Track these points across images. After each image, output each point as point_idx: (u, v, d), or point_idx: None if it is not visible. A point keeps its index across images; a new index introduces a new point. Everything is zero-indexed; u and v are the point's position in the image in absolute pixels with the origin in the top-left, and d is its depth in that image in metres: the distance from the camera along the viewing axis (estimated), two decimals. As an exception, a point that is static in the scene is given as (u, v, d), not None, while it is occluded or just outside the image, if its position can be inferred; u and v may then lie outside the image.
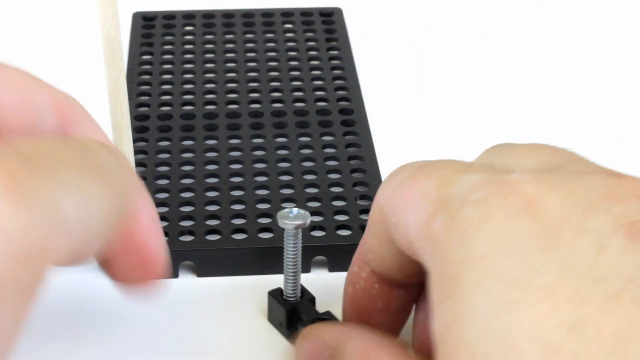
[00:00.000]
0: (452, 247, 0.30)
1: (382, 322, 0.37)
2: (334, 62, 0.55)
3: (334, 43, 0.57)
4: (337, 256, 0.42)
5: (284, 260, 0.38)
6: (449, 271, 0.30)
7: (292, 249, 0.38)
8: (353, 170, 0.46)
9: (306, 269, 0.42)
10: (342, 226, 0.43)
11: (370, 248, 0.36)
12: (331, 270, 0.42)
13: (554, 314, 0.27)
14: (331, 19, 0.59)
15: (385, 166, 0.48)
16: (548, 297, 0.27)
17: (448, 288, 0.29)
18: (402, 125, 0.52)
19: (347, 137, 0.49)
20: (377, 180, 0.45)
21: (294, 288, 0.39)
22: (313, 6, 0.60)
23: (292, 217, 0.37)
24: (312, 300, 0.39)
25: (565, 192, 0.30)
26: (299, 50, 0.56)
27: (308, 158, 0.47)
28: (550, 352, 0.27)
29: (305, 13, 0.60)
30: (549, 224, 0.29)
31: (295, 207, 0.42)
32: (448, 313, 0.29)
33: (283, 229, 0.38)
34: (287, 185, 0.45)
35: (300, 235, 0.38)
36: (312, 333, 0.36)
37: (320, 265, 0.43)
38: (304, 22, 0.59)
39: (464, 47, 0.60)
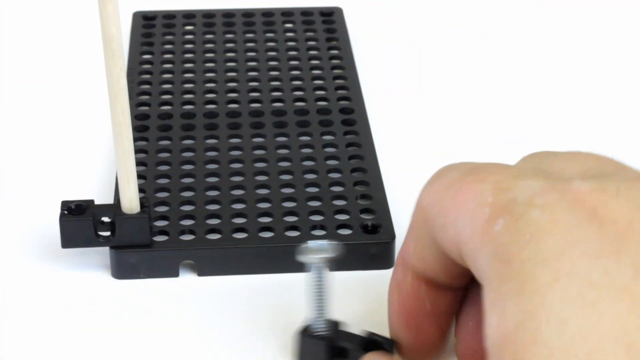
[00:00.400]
0: (518, 247, 0.30)
1: (431, 324, 0.37)
2: (334, 61, 0.55)
3: (334, 42, 0.57)
4: (338, 256, 0.42)
5: (312, 296, 0.37)
6: (515, 270, 0.30)
7: (318, 284, 0.37)
8: (353, 170, 0.46)
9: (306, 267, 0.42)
10: (343, 225, 0.43)
11: (414, 251, 0.36)
12: (331, 269, 0.42)
13: (634, 315, 0.28)
14: (331, 18, 0.59)
15: (386, 165, 0.48)
16: (626, 298, 0.28)
17: (517, 286, 0.30)
18: (403, 124, 0.52)
19: (348, 136, 0.49)
20: (377, 179, 0.45)
21: (325, 320, 0.37)
22: (313, 6, 0.60)
23: (316, 250, 0.36)
24: (337, 325, 0.38)
25: (626, 198, 0.31)
26: (299, 50, 0.56)
27: (308, 157, 0.47)
28: (634, 352, 0.28)
29: (306, 12, 0.60)
30: (617, 229, 0.30)
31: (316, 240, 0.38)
32: (520, 311, 0.29)
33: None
34: (288, 184, 0.45)
35: (326, 269, 0.37)
36: None
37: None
38: (304, 22, 0.59)
39: (464, 46, 0.60)
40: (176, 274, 0.42)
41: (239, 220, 0.43)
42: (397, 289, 0.37)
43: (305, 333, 0.37)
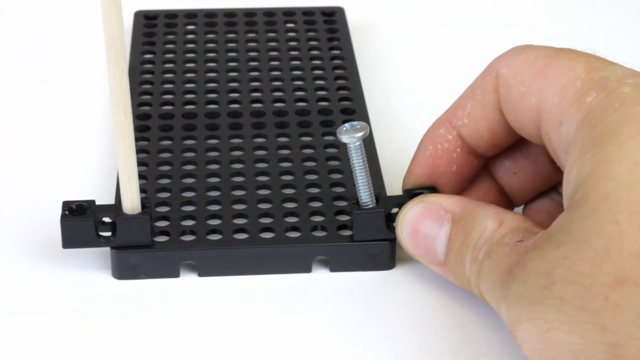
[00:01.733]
0: (606, 113, 0.34)
1: (450, 183, 0.42)
2: (336, 61, 0.55)
3: (335, 42, 0.57)
4: (338, 256, 0.42)
5: (355, 174, 0.41)
6: (602, 130, 0.34)
7: (361, 160, 0.40)
8: None
9: (307, 268, 0.42)
10: (344, 226, 0.43)
11: (469, 113, 0.41)
12: (332, 270, 0.42)
13: None
14: (333, 18, 0.59)
15: (387, 165, 0.48)
16: None
17: (599, 140, 0.34)
18: (404, 125, 0.52)
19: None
20: (378, 179, 0.45)
21: (370, 195, 0.41)
22: (315, 5, 0.60)
23: (353, 131, 0.40)
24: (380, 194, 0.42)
25: None
26: (300, 50, 0.56)
27: (309, 158, 0.47)
28: None
29: (307, 12, 0.60)
30: None
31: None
32: (600, 155, 0.33)
33: (346, 145, 0.40)
34: (289, 185, 0.45)
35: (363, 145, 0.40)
36: (428, 199, 0.40)
37: (321, 265, 0.43)
38: (305, 22, 0.59)
39: (466, 45, 0.60)
40: (177, 275, 0.42)
41: (240, 221, 0.43)
42: (432, 142, 0.42)
43: (359, 209, 0.41)
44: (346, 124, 0.40)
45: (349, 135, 0.40)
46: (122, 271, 0.41)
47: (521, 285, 0.34)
